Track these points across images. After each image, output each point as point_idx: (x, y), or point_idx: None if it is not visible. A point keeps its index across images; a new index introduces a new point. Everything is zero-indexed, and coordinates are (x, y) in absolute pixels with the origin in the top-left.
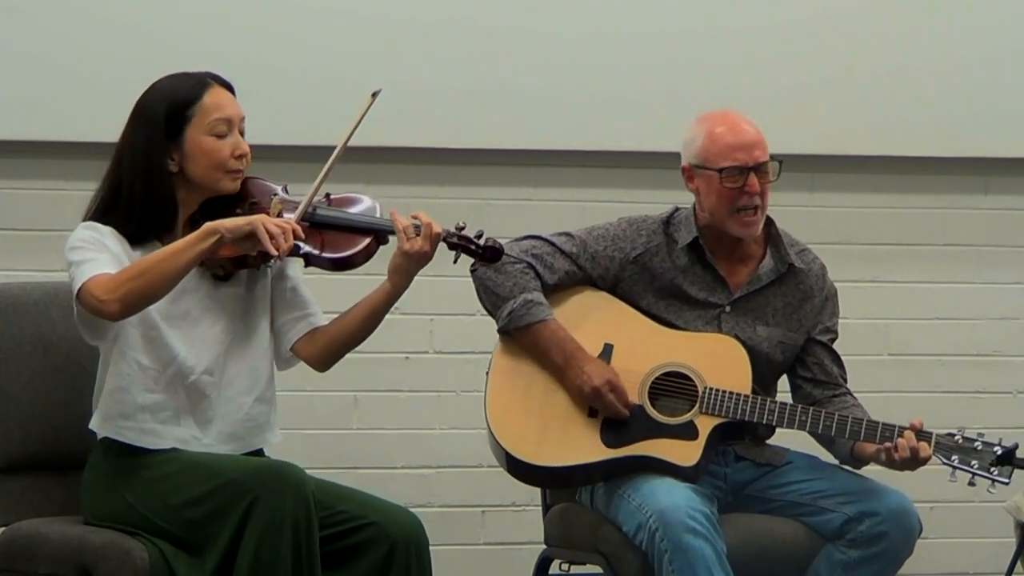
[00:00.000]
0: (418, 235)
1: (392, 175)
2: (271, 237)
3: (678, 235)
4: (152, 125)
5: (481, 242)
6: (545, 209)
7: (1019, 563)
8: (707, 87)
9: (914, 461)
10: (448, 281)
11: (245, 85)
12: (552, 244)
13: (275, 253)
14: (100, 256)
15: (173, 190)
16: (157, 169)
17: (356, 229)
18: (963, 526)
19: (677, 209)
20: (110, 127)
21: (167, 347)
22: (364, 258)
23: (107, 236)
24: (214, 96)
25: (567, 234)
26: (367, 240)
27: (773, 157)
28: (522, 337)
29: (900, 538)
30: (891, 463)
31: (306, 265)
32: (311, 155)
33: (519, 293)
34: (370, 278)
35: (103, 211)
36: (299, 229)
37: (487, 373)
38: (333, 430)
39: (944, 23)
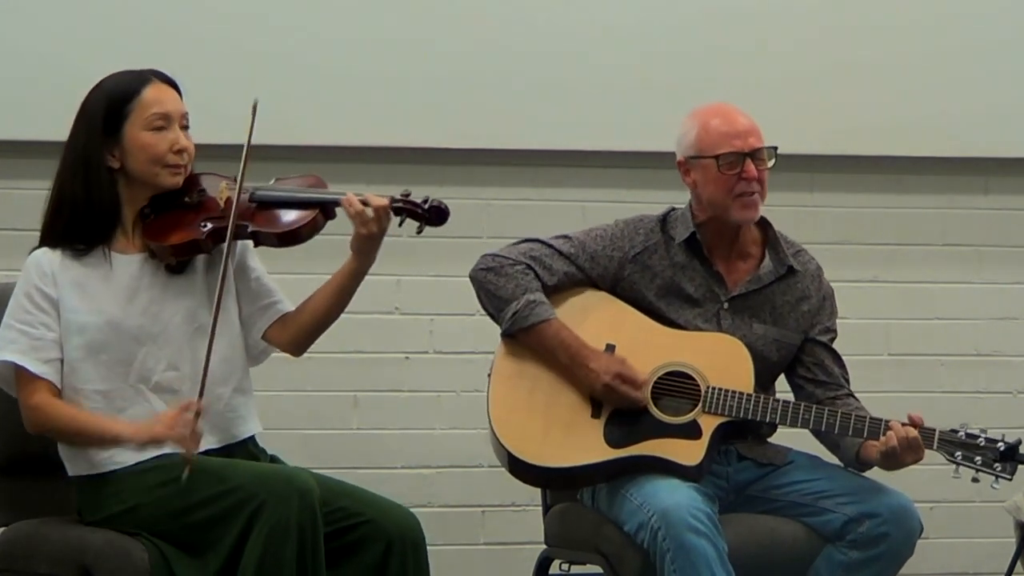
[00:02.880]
0: (373, 218)
1: (392, 175)
2: (180, 441)
3: (675, 232)
4: (91, 122)
5: (426, 205)
6: (545, 209)
7: (1019, 563)
8: (707, 87)
9: (909, 450)
10: (448, 281)
11: (241, 84)
12: (550, 246)
13: (191, 453)
14: (25, 336)
15: (114, 187)
16: (95, 165)
17: (301, 204)
18: (963, 526)
19: (672, 209)
20: None
21: (121, 361)
22: (311, 231)
23: (49, 279)
24: (153, 92)
25: (565, 236)
26: (313, 213)
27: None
28: (526, 338)
29: (901, 539)
30: (889, 459)
31: (255, 244)
32: (309, 155)
33: (521, 294)
34: (384, 281)
35: (53, 216)
36: (204, 408)
37: (488, 375)
38: (333, 430)
39: (945, 23)
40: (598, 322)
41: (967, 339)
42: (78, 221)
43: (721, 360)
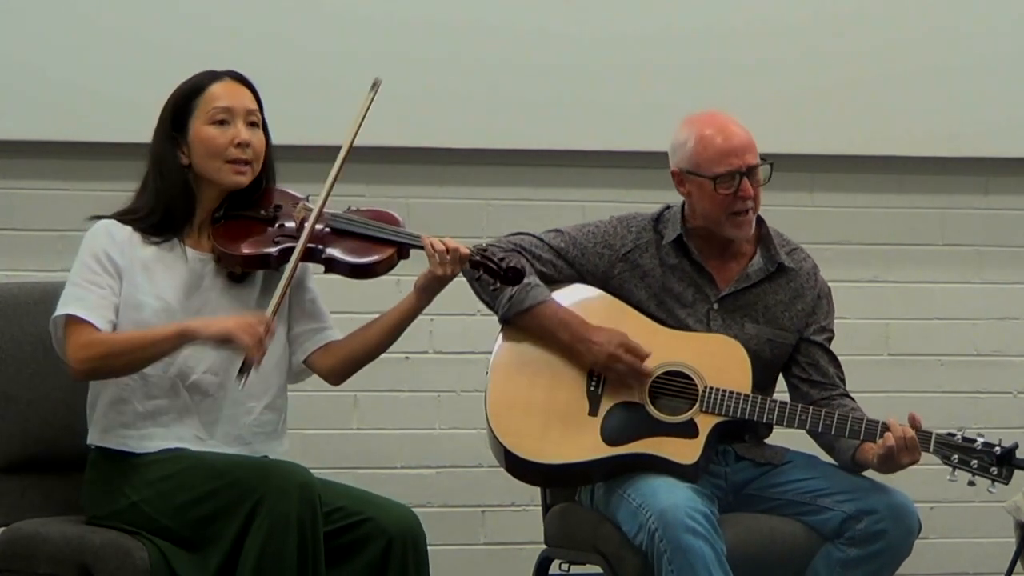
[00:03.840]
0: (451, 261)
1: (392, 175)
2: (249, 343)
3: (665, 232)
4: (163, 119)
5: (503, 264)
6: (545, 209)
7: (1019, 563)
8: (707, 88)
9: (906, 451)
10: None
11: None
12: (540, 239)
13: (254, 359)
14: (92, 293)
15: (188, 183)
16: (168, 161)
17: (380, 240)
18: (963, 526)
19: (668, 207)
20: (109, 127)
21: None
22: (385, 268)
23: (118, 248)
24: (219, 87)
25: (556, 230)
26: (390, 251)
27: (764, 159)
28: (524, 322)
29: (899, 536)
30: (886, 460)
31: (326, 271)
32: (311, 155)
33: None
34: (384, 282)
35: (135, 200)
36: (272, 324)
37: (487, 372)
38: (333, 430)
39: (944, 24)
40: (597, 322)
41: (967, 339)
42: (156, 213)
43: (719, 361)
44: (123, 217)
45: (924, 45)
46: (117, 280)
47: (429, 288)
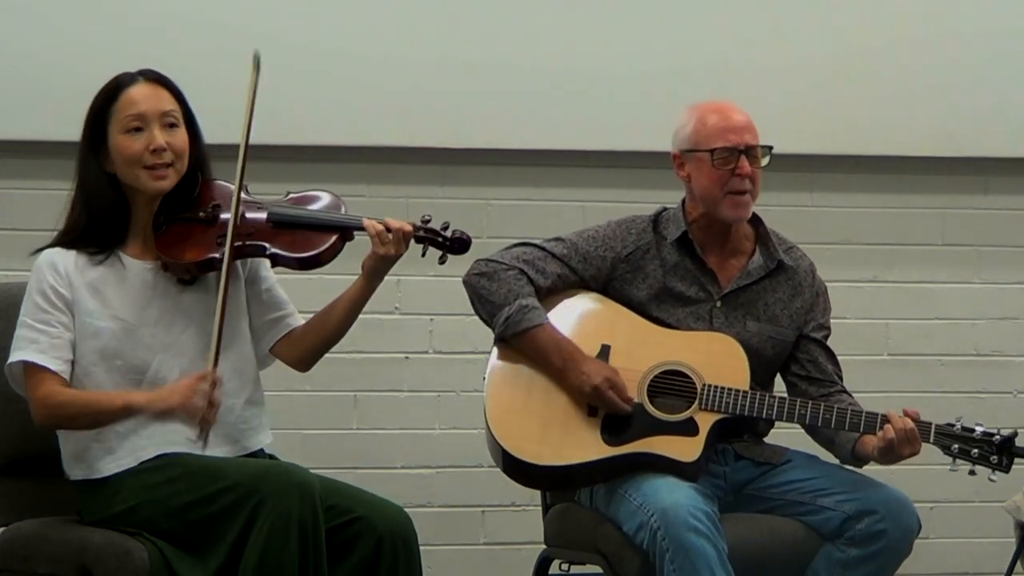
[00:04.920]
0: (393, 240)
1: (392, 175)
2: (195, 413)
3: (667, 232)
4: (85, 128)
5: (448, 234)
6: (545, 209)
7: (1019, 563)
8: (707, 87)
9: (907, 442)
10: (448, 281)
11: (239, 85)
12: (542, 249)
13: (208, 423)
14: (44, 335)
15: (117, 190)
16: (92, 172)
17: (322, 227)
18: (963, 526)
19: (665, 208)
20: None
21: (135, 368)
22: (331, 255)
23: (64, 280)
24: (132, 93)
25: (557, 238)
26: (333, 238)
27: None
28: (519, 343)
29: (899, 536)
30: (887, 452)
31: (273, 265)
32: (309, 155)
33: (513, 299)
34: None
35: (68, 218)
36: (215, 374)
37: (484, 378)
38: (333, 430)
39: (944, 23)
40: (593, 323)
41: (967, 339)
42: (90, 225)
43: (717, 358)
44: (64, 239)
45: (924, 45)
46: (68, 315)
47: (376, 269)
